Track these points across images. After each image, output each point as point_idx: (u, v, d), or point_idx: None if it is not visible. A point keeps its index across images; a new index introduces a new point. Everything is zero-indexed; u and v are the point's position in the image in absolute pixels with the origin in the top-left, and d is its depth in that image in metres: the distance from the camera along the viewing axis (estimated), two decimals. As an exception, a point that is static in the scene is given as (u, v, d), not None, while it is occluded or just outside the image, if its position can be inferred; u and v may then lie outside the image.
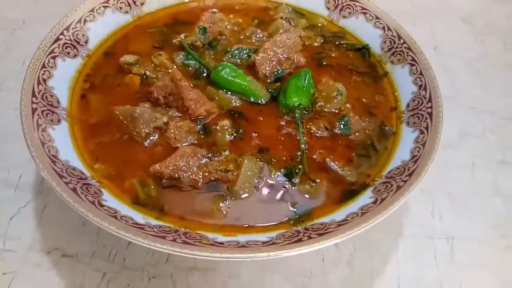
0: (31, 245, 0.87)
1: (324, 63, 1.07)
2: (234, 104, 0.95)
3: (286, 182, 0.83)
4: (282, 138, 0.90)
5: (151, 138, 0.87)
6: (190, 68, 1.02)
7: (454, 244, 0.94)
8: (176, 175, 0.80)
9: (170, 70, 0.97)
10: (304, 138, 0.90)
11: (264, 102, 0.96)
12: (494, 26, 1.50)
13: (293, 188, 0.82)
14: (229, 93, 0.96)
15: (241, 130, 0.90)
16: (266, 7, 1.21)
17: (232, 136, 0.89)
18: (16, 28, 1.30)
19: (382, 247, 0.92)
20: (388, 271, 0.88)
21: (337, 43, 1.12)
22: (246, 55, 1.05)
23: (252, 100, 0.96)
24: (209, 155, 0.84)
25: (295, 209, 0.79)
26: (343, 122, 0.93)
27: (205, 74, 1.01)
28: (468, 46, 1.42)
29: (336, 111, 0.96)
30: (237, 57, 1.05)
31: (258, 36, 1.11)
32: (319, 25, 1.17)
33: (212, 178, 0.81)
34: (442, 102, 0.91)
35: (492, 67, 1.36)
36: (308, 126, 0.92)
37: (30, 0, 1.39)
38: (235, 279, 0.84)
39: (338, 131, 0.92)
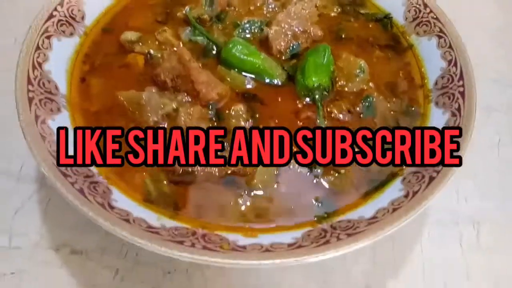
0: (38, 241, 0.82)
1: (343, 36, 0.98)
2: (248, 85, 0.87)
3: (308, 173, 0.77)
4: (301, 123, 0.83)
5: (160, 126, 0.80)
6: (198, 45, 0.93)
7: (480, 229, 0.90)
8: (190, 169, 0.74)
9: (175, 48, 0.88)
10: (325, 122, 0.83)
11: (280, 83, 0.88)
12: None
13: (316, 180, 0.76)
14: (242, 73, 0.88)
15: (256, 115, 0.82)
16: (276, -28, 1.10)
17: (247, 123, 0.81)
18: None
19: (405, 236, 0.87)
20: (413, 260, 0.84)
21: (356, 12, 1.03)
22: (258, 29, 0.95)
23: (267, 81, 0.88)
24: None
25: (319, 203, 0.74)
26: (367, 104, 0.85)
27: (214, 52, 0.92)
28: (490, 16, 1.31)
29: (358, 91, 0.88)
30: (248, 31, 0.96)
31: (270, 6, 1.01)
32: (335, -9, 1.07)
33: (229, 172, 0.75)
34: (475, 79, 0.84)
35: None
36: (328, 109, 0.85)
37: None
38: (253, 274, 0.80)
39: (362, 115, 0.85)
